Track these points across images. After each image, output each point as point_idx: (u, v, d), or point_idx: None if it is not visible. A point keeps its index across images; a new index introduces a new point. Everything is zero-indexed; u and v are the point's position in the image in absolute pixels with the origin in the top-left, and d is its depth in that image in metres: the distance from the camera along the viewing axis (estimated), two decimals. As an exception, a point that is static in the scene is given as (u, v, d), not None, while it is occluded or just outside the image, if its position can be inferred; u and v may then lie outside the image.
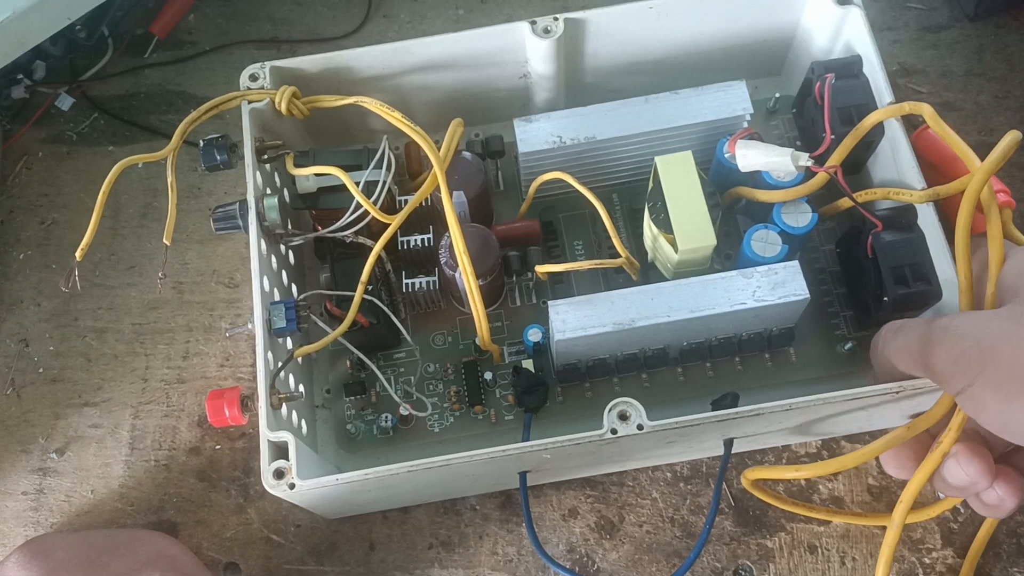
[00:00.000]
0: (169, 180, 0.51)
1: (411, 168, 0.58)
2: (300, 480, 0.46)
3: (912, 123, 0.55)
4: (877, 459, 0.58)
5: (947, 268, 0.49)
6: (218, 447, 0.60)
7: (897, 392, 0.46)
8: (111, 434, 0.61)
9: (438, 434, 0.56)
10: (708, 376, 0.56)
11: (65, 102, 0.71)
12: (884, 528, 0.56)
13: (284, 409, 0.50)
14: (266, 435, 0.47)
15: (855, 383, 0.47)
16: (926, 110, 0.49)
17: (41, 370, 0.63)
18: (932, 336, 0.43)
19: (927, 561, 0.55)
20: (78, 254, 0.49)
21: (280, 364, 0.50)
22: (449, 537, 0.57)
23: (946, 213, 0.51)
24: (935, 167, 0.55)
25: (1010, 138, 0.46)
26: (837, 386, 0.47)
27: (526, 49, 0.56)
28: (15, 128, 0.71)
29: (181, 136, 0.51)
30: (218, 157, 0.53)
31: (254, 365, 0.61)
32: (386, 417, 0.55)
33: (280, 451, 0.47)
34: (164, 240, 0.50)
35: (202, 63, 0.72)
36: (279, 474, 0.46)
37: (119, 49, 0.73)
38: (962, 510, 0.57)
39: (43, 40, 0.63)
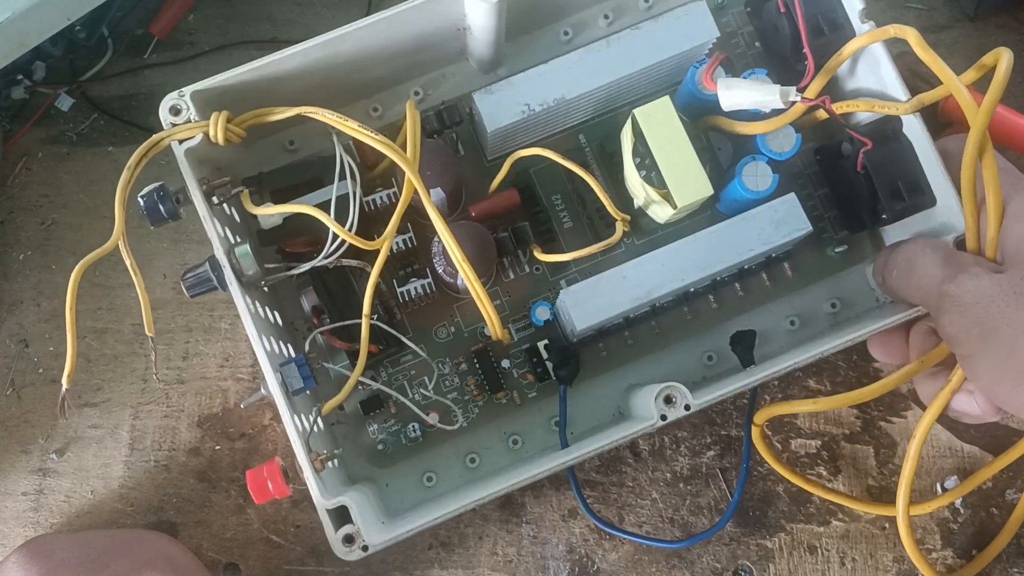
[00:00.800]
0: (128, 264, 0.46)
1: (365, 159, 0.54)
2: (371, 540, 0.45)
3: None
4: (875, 460, 0.58)
5: (938, 175, 0.50)
6: (218, 448, 0.60)
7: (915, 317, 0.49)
8: (111, 435, 0.61)
9: (467, 428, 0.56)
10: (713, 308, 0.57)
11: (65, 102, 0.71)
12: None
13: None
14: (323, 505, 0.45)
15: (851, 280, 0.51)
16: (911, 34, 0.48)
17: (41, 371, 0.63)
18: (940, 303, 0.45)
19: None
20: (65, 381, 0.45)
21: (310, 427, 0.48)
22: (449, 538, 0.57)
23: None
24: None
25: (1007, 59, 0.46)
26: (834, 287, 0.51)
27: (464, 9, 0.52)
28: (15, 128, 0.71)
29: (123, 207, 0.46)
30: (163, 210, 0.47)
31: (254, 366, 0.62)
32: (413, 427, 0.55)
33: (341, 518, 0.45)
34: (147, 332, 0.46)
35: (202, 64, 0.72)
36: (349, 540, 0.45)
37: (119, 50, 0.73)
38: (962, 511, 0.56)
39: (43, 41, 0.63)
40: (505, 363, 0.56)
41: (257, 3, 0.74)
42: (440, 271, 0.52)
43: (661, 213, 0.53)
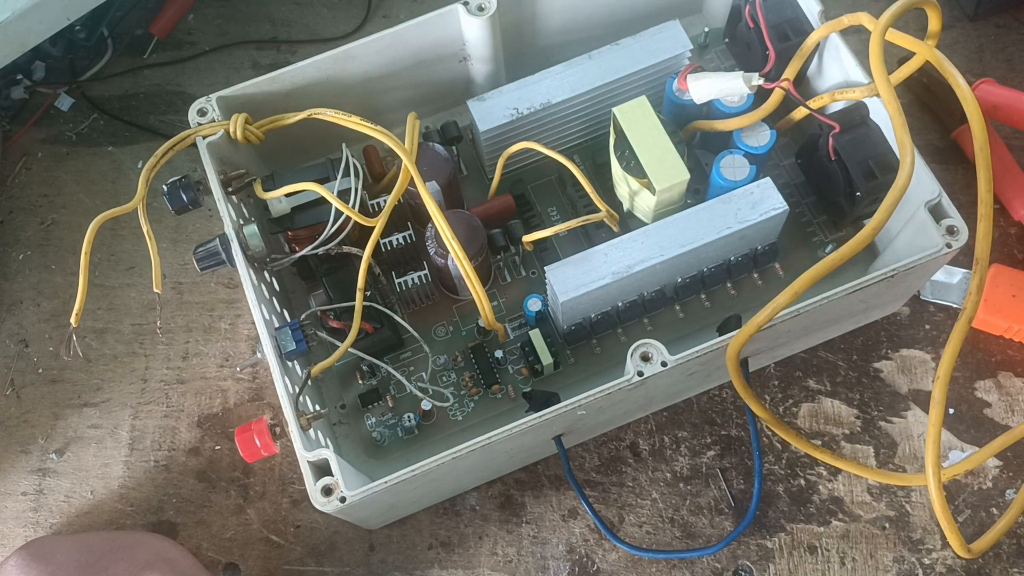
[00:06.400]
0: (144, 230, 0.50)
1: (373, 171, 0.58)
2: (349, 492, 0.46)
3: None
4: (875, 460, 0.58)
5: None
6: (217, 448, 0.60)
7: (891, 276, 0.49)
8: (111, 435, 0.61)
9: (461, 422, 0.56)
10: (705, 307, 0.58)
11: (65, 102, 0.71)
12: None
13: (311, 431, 0.50)
14: (304, 456, 0.47)
15: (843, 282, 0.49)
16: (864, 18, 0.51)
17: (41, 371, 0.63)
18: None
19: (927, 562, 0.55)
20: (73, 320, 0.48)
21: (300, 386, 0.50)
22: (449, 538, 0.57)
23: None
24: (995, 112, 0.62)
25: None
26: (825, 287, 0.49)
27: (463, 30, 0.57)
28: (15, 128, 0.71)
29: (146, 183, 0.51)
30: (184, 198, 0.53)
31: (254, 366, 0.62)
32: (408, 416, 0.55)
33: (321, 470, 0.47)
34: (154, 289, 0.50)
35: (202, 63, 0.72)
36: (327, 491, 0.46)
37: (119, 49, 0.73)
38: (965, 510, 0.57)
39: (43, 41, 0.63)
40: (498, 353, 0.57)
41: (257, 3, 0.74)
42: (432, 252, 0.54)
43: (645, 207, 0.55)
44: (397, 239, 0.55)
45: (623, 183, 0.55)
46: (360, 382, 0.57)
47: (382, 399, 0.56)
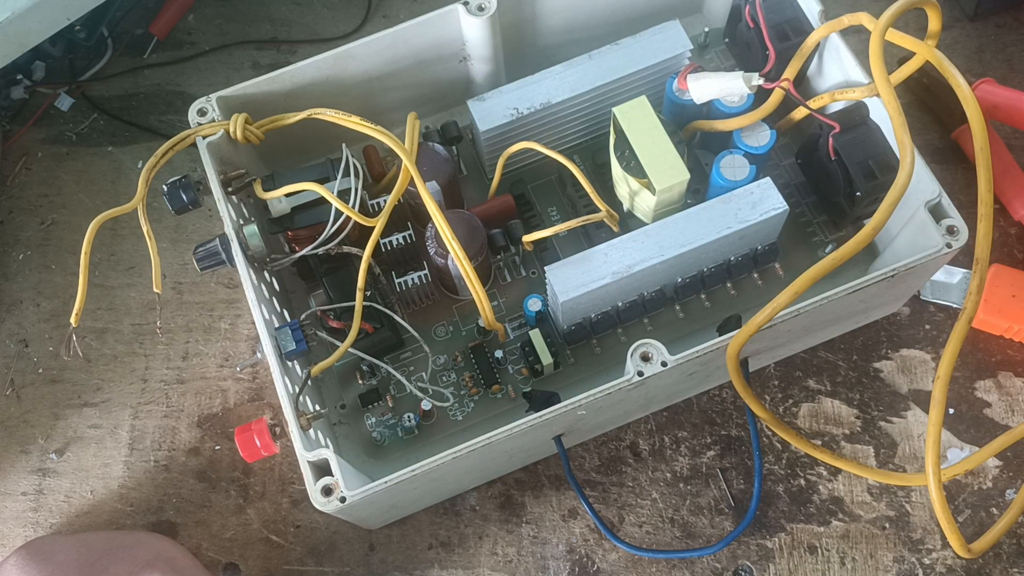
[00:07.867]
0: (144, 230, 0.50)
1: (373, 171, 0.58)
2: (349, 492, 0.46)
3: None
4: (875, 460, 0.58)
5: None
6: (217, 448, 0.60)
7: (892, 276, 0.49)
8: (111, 435, 0.61)
9: (461, 422, 0.56)
10: (705, 307, 0.58)
11: (65, 102, 0.71)
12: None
13: (311, 431, 0.50)
14: (304, 456, 0.47)
15: (843, 282, 0.49)
16: (864, 18, 0.51)
17: (41, 371, 0.63)
18: None
19: (927, 562, 0.55)
20: (73, 320, 0.48)
21: (300, 386, 0.50)
22: (449, 538, 0.57)
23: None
24: (995, 112, 0.62)
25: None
26: (825, 287, 0.49)
27: (463, 31, 0.57)
28: (15, 128, 0.71)
29: (146, 183, 0.51)
30: (185, 198, 0.53)
31: (254, 366, 0.62)
32: (408, 416, 0.56)
33: (321, 470, 0.47)
34: (154, 289, 0.50)
35: (202, 63, 0.72)
36: (327, 491, 0.46)
37: (119, 49, 0.73)
38: (965, 510, 0.57)
39: (43, 41, 0.63)
40: (499, 353, 0.57)
41: (257, 3, 0.74)
42: (432, 252, 0.54)
43: (645, 207, 0.55)
44: (397, 239, 0.55)
45: (623, 183, 0.55)
46: (360, 382, 0.57)
47: (382, 399, 0.56)
